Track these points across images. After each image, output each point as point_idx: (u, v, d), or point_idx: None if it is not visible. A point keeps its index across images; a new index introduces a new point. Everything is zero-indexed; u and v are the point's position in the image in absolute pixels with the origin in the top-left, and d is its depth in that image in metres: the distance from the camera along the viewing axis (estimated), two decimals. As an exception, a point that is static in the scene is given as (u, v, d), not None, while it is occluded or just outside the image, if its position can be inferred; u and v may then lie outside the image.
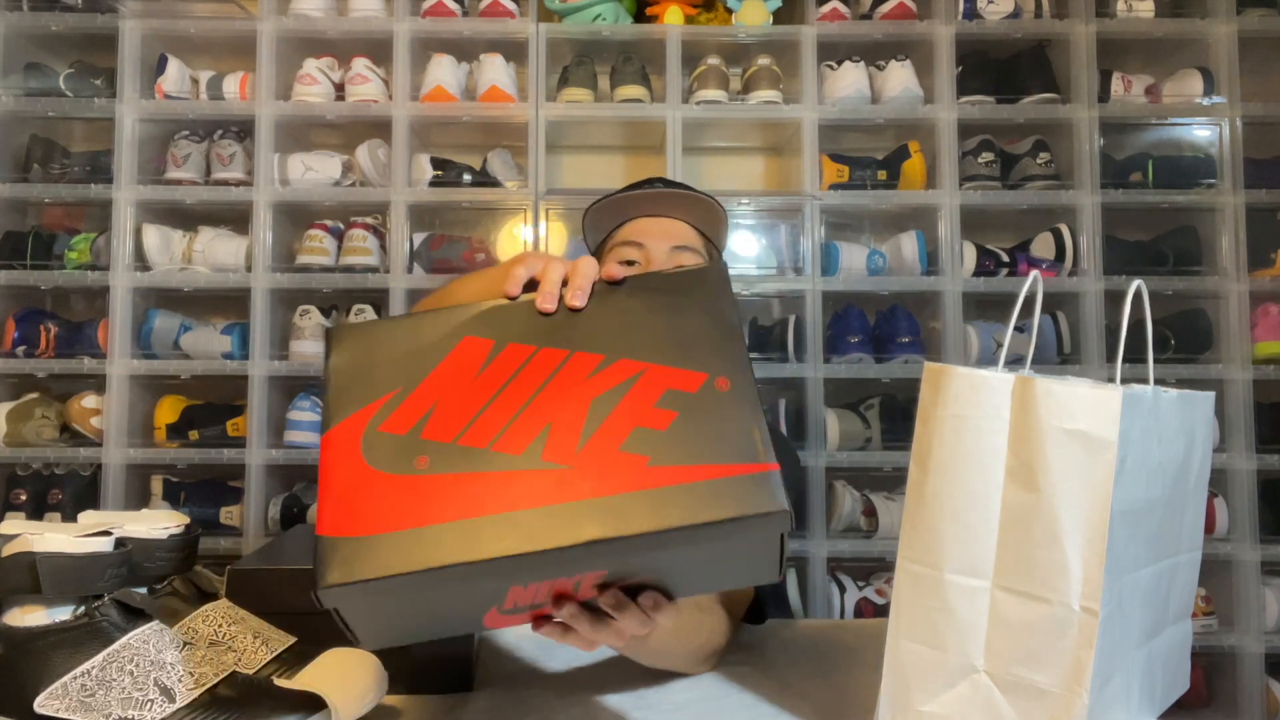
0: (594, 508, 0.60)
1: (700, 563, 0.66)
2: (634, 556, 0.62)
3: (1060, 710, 0.64)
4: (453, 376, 0.67)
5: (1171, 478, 0.73)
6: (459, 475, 0.61)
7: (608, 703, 0.83)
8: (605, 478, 0.61)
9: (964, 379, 0.68)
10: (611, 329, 0.68)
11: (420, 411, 0.65)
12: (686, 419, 0.63)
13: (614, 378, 0.66)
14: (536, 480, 0.61)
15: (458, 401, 0.65)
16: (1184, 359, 2.10)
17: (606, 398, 0.65)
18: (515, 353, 0.67)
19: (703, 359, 0.66)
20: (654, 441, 0.62)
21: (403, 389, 0.66)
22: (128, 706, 0.63)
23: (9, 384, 2.14)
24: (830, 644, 1.06)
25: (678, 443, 0.62)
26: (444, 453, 0.62)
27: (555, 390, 0.65)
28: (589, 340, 0.68)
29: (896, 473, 2.12)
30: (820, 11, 2.16)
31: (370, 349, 0.68)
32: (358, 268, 2.10)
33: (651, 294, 0.71)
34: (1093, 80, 2.13)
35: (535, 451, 0.62)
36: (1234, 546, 2.05)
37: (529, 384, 0.66)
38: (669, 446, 0.62)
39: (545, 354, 0.67)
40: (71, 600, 0.66)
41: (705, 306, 0.70)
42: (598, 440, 0.63)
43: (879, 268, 2.16)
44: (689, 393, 0.65)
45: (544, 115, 2.11)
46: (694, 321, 0.69)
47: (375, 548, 0.59)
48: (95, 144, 2.22)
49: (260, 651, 0.75)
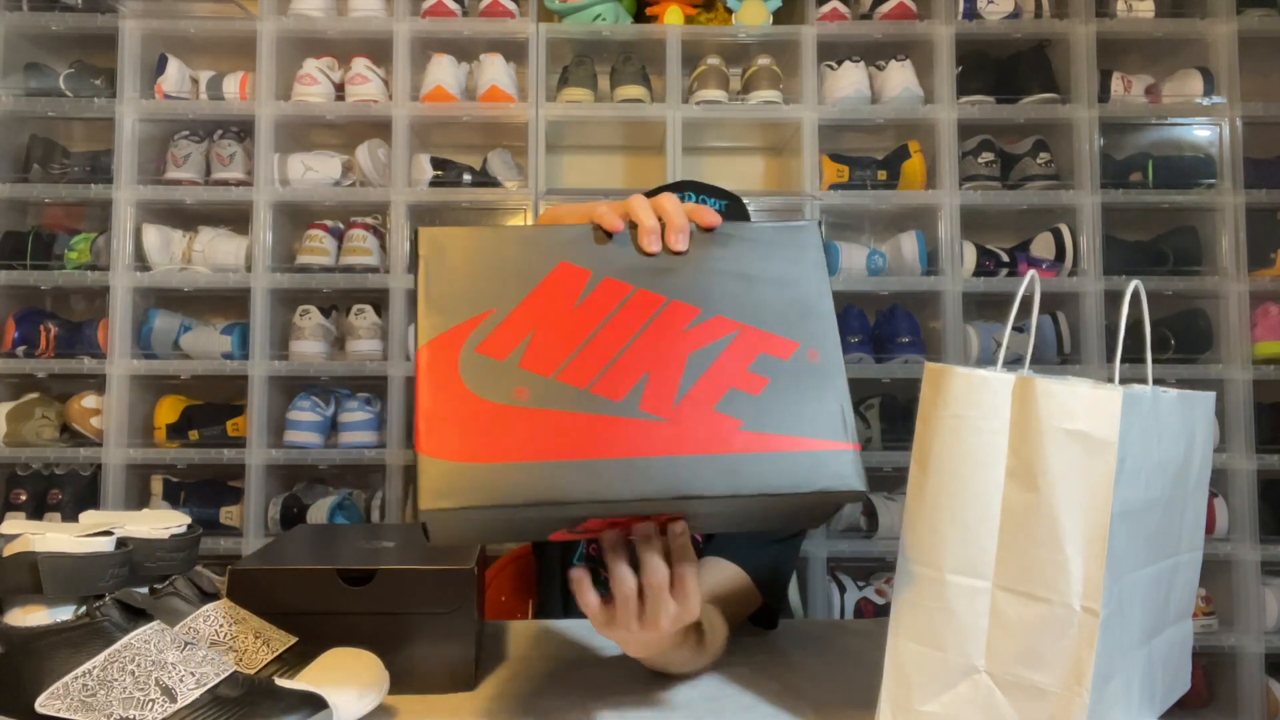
0: (690, 464, 0.62)
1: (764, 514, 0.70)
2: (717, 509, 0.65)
3: (1060, 710, 0.65)
4: (549, 303, 0.67)
5: (1171, 478, 0.73)
6: (560, 413, 0.63)
7: (608, 703, 0.83)
8: (701, 436, 0.63)
9: (964, 379, 0.68)
10: (707, 280, 0.69)
11: (518, 337, 0.65)
12: (778, 386, 0.66)
13: (710, 334, 0.67)
14: (635, 429, 0.63)
15: (555, 333, 0.66)
16: (1184, 359, 2.10)
17: (703, 354, 0.66)
18: (612, 288, 0.68)
19: (795, 326, 0.69)
20: (747, 405, 0.65)
21: (499, 309, 0.66)
22: (129, 706, 0.63)
23: (9, 384, 2.14)
24: (830, 644, 1.06)
25: (770, 410, 0.65)
26: (544, 386, 0.64)
27: (652, 337, 0.67)
28: (685, 289, 0.69)
29: (896, 473, 2.12)
30: (820, 11, 2.16)
31: (466, 259, 0.68)
32: (358, 268, 2.10)
33: (746, 245, 0.72)
34: (1093, 80, 2.13)
35: (633, 400, 0.64)
36: (1234, 546, 2.06)
37: (627, 326, 0.67)
38: (762, 413, 0.65)
39: (642, 295, 0.68)
40: (73, 600, 0.66)
41: (798, 268, 0.71)
42: (694, 396, 0.65)
43: (879, 268, 2.16)
44: (781, 359, 0.67)
45: (544, 115, 2.11)
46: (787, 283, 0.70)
47: (479, 477, 0.61)
48: (95, 144, 2.22)
49: (261, 651, 0.75)
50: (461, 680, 0.85)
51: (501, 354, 0.65)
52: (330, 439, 2.09)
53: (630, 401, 0.64)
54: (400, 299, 2.07)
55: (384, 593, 0.83)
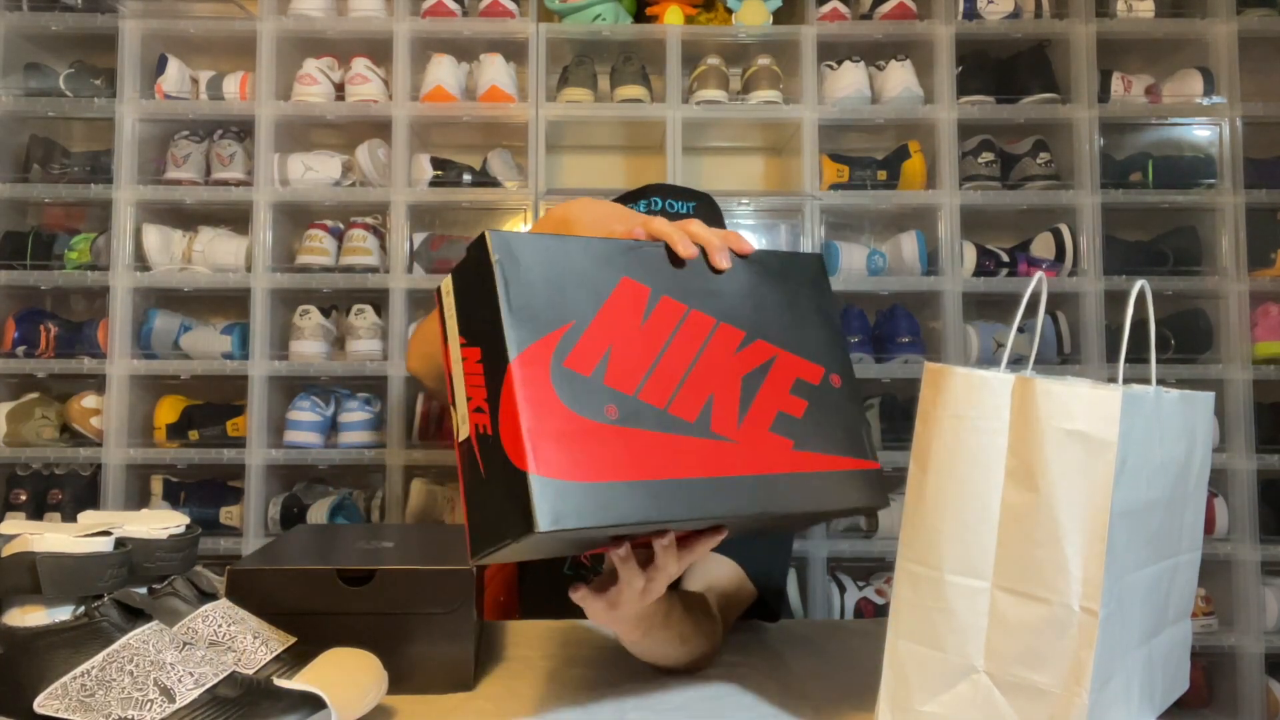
0: (758, 484, 0.70)
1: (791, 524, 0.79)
2: (765, 522, 0.72)
3: (1060, 710, 0.64)
4: (619, 318, 0.71)
5: (1172, 478, 0.73)
6: (648, 433, 0.68)
7: (607, 702, 0.83)
8: (762, 456, 0.71)
9: (964, 379, 0.68)
10: (745, 304, 0.77)
11: (599, 353, 0.69)
12: (815, 409, 0.75)
13: (755, 358, 0.75)
14: (709, 450, 0.69)
15: (629, 349, 0.70)
16: (1184, 359, 2.10)
17: (752, 376, 0.74)
18: (670, 308, 0.73)
19: (819, 353, 0.77)
20: (794, 427, 0.73)
21: (577, 323, 0.69)
22: (127, 706, 0.63)
23: (9, 384, 2.14)
24: (830, 644, 1.06)
25: (813, 432, 0.74)
26: (629, 405, 0.68)
27: (710, 360, 0.73)
28: (730, 313, 0.76)
29: (896, 473, 2.10)
30: (820, 11, 2.16)
31: (540, 267, 0.70)
32: (358, 268, 2.10)
33: (769, 273, 0.79)
34: (1093, 80, 2.13)
35: (705, 421, 0.70)
36: (1234, 546, 2.05)
37: (688, 347, 0.73)
38: (807, 435, 0.73)
39: (696, 317, 0.74)
40: (71, 600, 0.66)
41: (815, 297, 0.80)
42: (752, 418, 0.72)
43: (879, 268, 2.16)
44: (813, 384, 0.76)
45: (544, 115, 2.11)
46: (808, 311, 0.79)
47: (591, 496, 0.64)
48: (95, 144, 2.22)
49: (260, 651, 0.75)
50: (461, 680, 0.85)
51: (587, 369, 0.68)
52: (330, 439, 2.09)
53: (703, 423, 0.70)
54: (400, 299, 2.07)
55: (383, 593, 0.83)
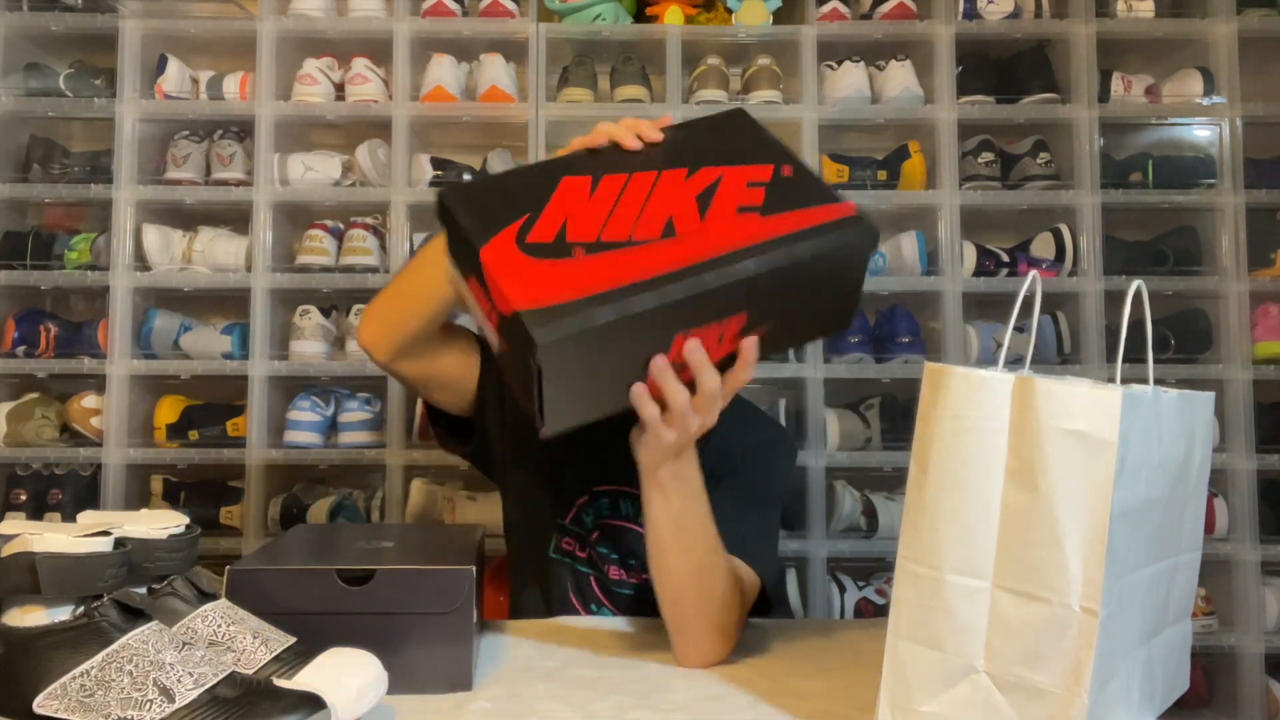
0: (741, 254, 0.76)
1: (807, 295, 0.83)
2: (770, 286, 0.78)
3: (1060, 710, 0.64)
4: (569, 201, 0.81)
5: (1171, 478, 0.73)
6: (616, 253, 0.76)
7: (608, 702, 0.83)
8: (735, 233, 0.78)
9: (964, 379, 0.68)
10: (681, 151, 0.86)
11: (556, 225, 0.78)
12: (774, 193, 0.82)
13: (703, 180, 0.83)
14: (682, 246, 0.76)
15: (584, 215, 0.79)
16: (1184, 359, 2.09)
17: (705, 192, 0.81)
18: (613, 181, 0.83)
19: (761, 157, 0.85)
20: (758, 209, 0.80)
21: (530, 214, 0.79)
22: (127, 707, 0.62)
23: (9, 384, 2.14)
24: (830, 644, 1.06)
25: (777, 204, 0.81)
26: (594, 246, 0.76)
27: (661, 195, 0.81)
28: (667, 162, 0.84)
29: (896, 473, 2.12)
30: (820, 11, 2.16)
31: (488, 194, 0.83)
32: (358, 268, 2.10)
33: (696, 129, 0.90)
34: (1093, 80, 2.13)
35: (669, 231, 0.78)
36: (1234, 546, 2.05)
37: (637, 196, 0.81)
38: (772, 206, 0.80)
39: (639, 177, 0.83)
40: (71, 600, 0.66)
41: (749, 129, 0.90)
42: (713, 215, 0.80)
43: (879, 268, 2.16)
44: (766, 180, 0.83)
45: (544, 115, 2.11)
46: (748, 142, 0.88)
47: (575, 309, 0.71)
48: (95, 144, 2.22)
49: (260, 651, 0.75)
50: (460, 680, 0.85)
51: (549, 236, 0.77)
52: (330, 439, 2.09)
53: (668, 234, 0.77)
54: (400, 299, 2.06)
55: (383, 593, 0.83)
